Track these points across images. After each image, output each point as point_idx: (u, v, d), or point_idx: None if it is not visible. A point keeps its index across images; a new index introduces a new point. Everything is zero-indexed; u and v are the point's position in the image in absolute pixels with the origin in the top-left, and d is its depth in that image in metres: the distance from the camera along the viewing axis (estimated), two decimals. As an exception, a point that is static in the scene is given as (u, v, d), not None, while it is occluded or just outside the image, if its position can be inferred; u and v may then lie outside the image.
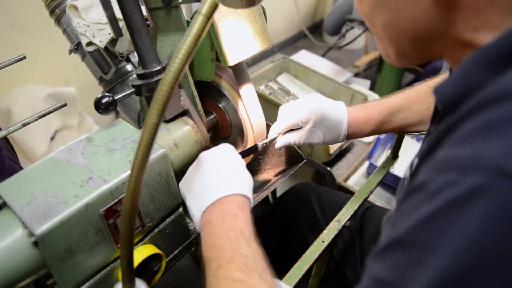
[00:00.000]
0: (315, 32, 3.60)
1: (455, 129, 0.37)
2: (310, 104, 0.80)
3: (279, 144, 0.82)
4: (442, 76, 0.80)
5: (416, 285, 0.32)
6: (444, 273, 0.31)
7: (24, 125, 0.75)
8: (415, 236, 0.34)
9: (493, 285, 0.30)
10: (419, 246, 0.33)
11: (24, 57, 0.92)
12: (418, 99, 0.81)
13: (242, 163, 0.68)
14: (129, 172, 0.43)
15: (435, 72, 2.11)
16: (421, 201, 0.35)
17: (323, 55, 2.61)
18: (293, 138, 0.81)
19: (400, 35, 0.44)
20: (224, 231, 0.56)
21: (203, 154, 0.68)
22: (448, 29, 0.40)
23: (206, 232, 0.58)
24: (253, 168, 0.94)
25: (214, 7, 0.41)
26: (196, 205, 0.62)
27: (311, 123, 0.80)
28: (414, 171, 0.48)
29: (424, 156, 0.45)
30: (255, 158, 0.94)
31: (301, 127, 0.81)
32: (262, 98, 1.49)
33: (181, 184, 0.68)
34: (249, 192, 0.64)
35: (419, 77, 2.38)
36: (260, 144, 0.81)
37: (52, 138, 1.76)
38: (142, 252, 0.63)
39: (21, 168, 0.95)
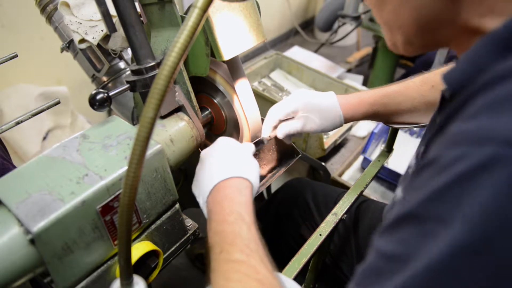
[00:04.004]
0: (307, 29, 3.60)
1: (465, 106, 0.37)
2: (297, 96, 0.82)
3: (280, 132, 0.82)
4: (448, 67, 0.81)
5: (426, 256, 0.32)
6: (456, 243, 0.30)
7: (17, 123, 0.74)
8: (426, 209, 0.34)
9: (506, 254, 0.29)
10: (430, 218, 0.33)
11: (16, 56, 0.91)
12: (413, 86, 0.82)
13: (240, 148, 0.69)
14: (125, 168, 0.42)
15: (426, 66, 2.12)
16: (432, 175, 0.35)
17: (315, 52, 2.61)
18: (292, 125, 0.82)
19: (407, 22, 0.44)
20: (223, 215, 0.57)
21: (203, 152, 0.71)
22: (454, 15, 0.40)
23: (209, 219, 0.60)
24: None
25: (209, 0, 0.41)
26: (201, 197, 0.65)
27: (302, 111, 0.81)
28: (425, 149, 0.48)
29: (435, 134, 0.45)
30: None
31: (293, 117, 0.82)
32: (256, 94, 1.48)
33: (192, 185, 0.70)
34: (249, 175, 0.64)
35: (410, 72, 2.39)
36: (265, 137, 0.82)
37: (44, 138, 1.74)
38: (139, 249, 0.63)
39: (14, 167, 0.94)
